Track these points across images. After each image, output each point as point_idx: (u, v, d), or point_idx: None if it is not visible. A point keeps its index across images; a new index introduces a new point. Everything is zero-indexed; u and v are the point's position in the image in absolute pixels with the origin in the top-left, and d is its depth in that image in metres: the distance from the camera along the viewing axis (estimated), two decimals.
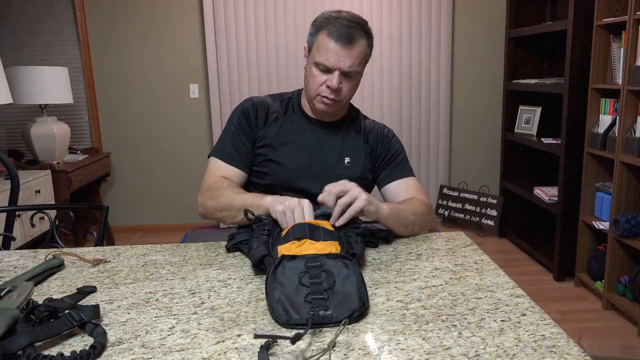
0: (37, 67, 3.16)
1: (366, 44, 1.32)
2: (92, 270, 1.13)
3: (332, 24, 1.28)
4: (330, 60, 1.28)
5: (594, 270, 2.78)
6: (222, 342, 0.81)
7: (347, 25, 1.28)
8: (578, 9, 2.76)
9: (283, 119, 1.42)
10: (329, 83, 1.30)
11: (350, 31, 1.28)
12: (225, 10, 3.81)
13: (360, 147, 1.44)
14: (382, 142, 1.46)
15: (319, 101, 1.34)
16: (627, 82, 2.43)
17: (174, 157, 4.07)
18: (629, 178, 2.53)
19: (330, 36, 1.28)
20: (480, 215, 3.88)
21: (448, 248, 1.23)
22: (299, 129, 1.42)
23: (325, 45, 1.28)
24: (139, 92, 3.97)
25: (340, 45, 1.27)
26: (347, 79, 1.32)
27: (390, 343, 0.80)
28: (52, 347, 0.80)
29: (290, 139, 1.40)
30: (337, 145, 1.42)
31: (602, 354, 1.88)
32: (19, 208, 1.95)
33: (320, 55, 1.29)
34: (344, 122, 1.45)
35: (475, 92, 4.12)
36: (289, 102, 1.46)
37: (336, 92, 1.31)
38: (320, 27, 1.31)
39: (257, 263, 1.06)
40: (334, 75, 1.29)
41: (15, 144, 3.85)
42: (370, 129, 1.47)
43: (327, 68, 1.29)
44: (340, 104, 1.37)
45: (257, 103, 1.43)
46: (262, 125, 1.41)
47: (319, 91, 1.33)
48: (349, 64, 1.29)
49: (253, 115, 1.41)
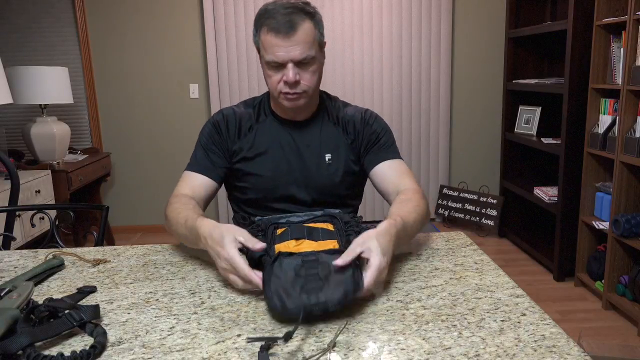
0: (37, 67, 3.16)
1: (311, 24, 1.24)
2: (92, 270, 1.13)
3: (270, 17, 1.22)
4: (278, 55, 1.22)
5: (594, 270, 2.78)
6: (222, 342, 0.81)
7: (285, 13, 1.21)
8: (578, 9, 2.76)
9: (257, 127, 1.37)
10: (286, 78, 1.23)
11: (289, 18, 1.20)
12: (225, 10, 3.81)
13: (340, 139, 1.38)
14: (363, 129, 1.39)
15: (283, 99, 1.29)
16: (627, 82, 2.43)
17: (174, 157, 4.07)
18: (629, 178, 2.53)
19: (270, 31, 1.21)
20: (480, 215, 3.88)
21: (448, 248, 1.23)
22: (273, 134, 1.37)
23: (268, 42, 1.22)
24: (139, 92, 3.97)
25: (282, 36, 1.20)
26: (303, 67, 1.25)
27: (390, 343, 0.80)
28: (52, 347, 0.80)
29: (265, 147, 1.35)
30: (315, 142, 1.37)
31: (602, 354, 1.88)
32: (19, 208, 1.95)
33: (268, 53, 1.23)
34: (319, 116, 1.39)
35: (475, 92, 4.12)
36: (259, 106, 1.40)
37: (295, 85, 1.25)
38: (260, 24, 1.25)
39: (254, 264, 1.06)
40: (288, 69, 1.23)
41: (15, 144, 3.85)
42: (349, 118, 1.40)
43: (279, 64, 1.23)
44: (307, 95, 1.29)
45: (227, 115, 1.38)
46: (235, 139, 1.36)
47: (280, 89, 1.27)
48: (298, 51, 1.21)
49: (224, 128, 1.36)
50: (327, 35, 3.87)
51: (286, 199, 1.36)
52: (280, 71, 1.25)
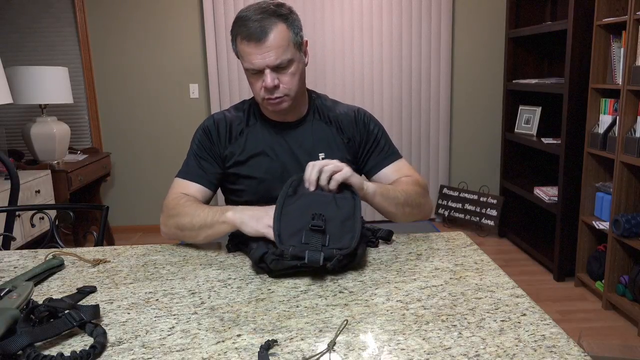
0: (37, 67, 3.16)
1: (284, 26, 1.23)
2: (92, 270, 1.13)
3: (243, 26, 1.22)
4: (254, 63, 1.23)
5: (594, 270, 2.78)
6: (222, 342, 0.81)
7: (256, 18, 1.21)
8: (578, 9, 2.76)
9: (247, 131, 1.37)
10: (264, 84, 1.24)
11: (260, 24, 1.20)
12: (225, 11, 3.81)
13: (334, 138, 1.38)
14: (360, 130, 1.39)
15: (267, 104, 1.30)
16: (627, 82, 2.43)
17: (174, 157, 4.07)
18: (629, 178, 2.53)
19: (244, 39, 1.22)
20: (480, 215, 3.88)
21: (448, 248, 1.23)
22: (265, 136, 1.36)
23: (243, 50, 1.23)
24: (139, 92, 3.98)
25: (254, 43, 1.21)
26: (281, 71, 1.25)
27: (390, 343, 0.80)
28: (52, 347, 0.80)
29: (258, 149, 1.35)
30: (307, 142, 1.36)
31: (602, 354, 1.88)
32: (19, 208, 1.95)
33: (245, 61, 1.24)
34: (309, 116, 1.39)
35: (475, 92, 4.12)
36: (249, 110, 1.40)
37: (274, 89, 1.25)
38: (235, 35, 1.25)
39: (257, 261, 1.07)
40: (266, 75, 1.23)
41: (15, 144, 3.85)
42: (343, 117, 1.40)
43: (256, 70, 1.24)
44: (290, 98, 1.29)
45: (218, 120, 1.37)
46: (227, 143, 1.36)
47: (262, 95, 1.27)
48: (273, 57, 1.22)
49: (215, 133, 1.36)
50: (327, 35, 3.87)
51: None
52: (260, 77, 1.26)
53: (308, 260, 1.00)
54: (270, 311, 0.91)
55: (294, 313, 0.90)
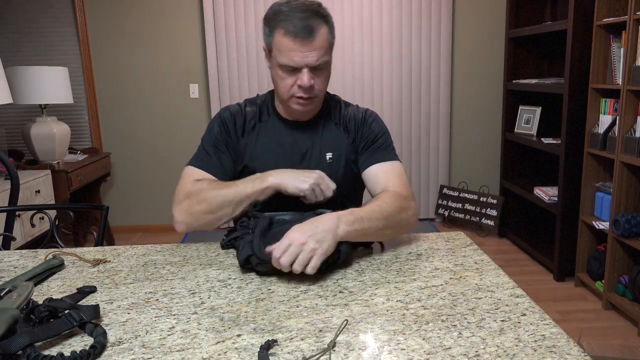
0: (37, 67, 3.16)
1: (327, 29, 1.22)
2: (92, 270, 1.13)
3: (285, 19, 1.18)
4: (295, 60, 1.20)
5: (594, 270, 2.78)
6: (222, 342, 0.81)
7: (302, 16, 1.18)
8: (578, 9, 2.76)
9: (259, 126, 1.36)
10: (300, 82, 1.22)
11: (307, 22, 1.17)
12: (225, 10, 3.81)
13: (341, 138, 1.37)
14: (362, 128, 1.37)
15: (294, 103, 1.27)
16: (627, 82, 2.43)
17: (174, 157, 4.07)
18: (629, 178, 2.53)
19: (288, 34, 1.18)
20: (480, 215, 3.88)
21: (448, 248, 1.22)
22: (276, 133, 1.36)
23: (284, 45, 1.19)
24: (139, 92, 3.97)
25: (299, 41, 1.18)
26: (317, 72, 1.23)
27: (390, 343, 0.80)
28: (52, 347, 0.80)
29: (268, 146, 1.35)
30: (317, 142, 1.36)
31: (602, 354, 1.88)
32: (19, 208, 1.95)
33: (283, 56, 1.20)
34: (321, 117, 1.38)
35: (475, 92, 4.12)
36: (263, 105, 1.39)
37: (309, 89, 1.24)
38: (274, 26, 1.21)
39: (243, 263, 1.07)
40: (304, 74, 1.21)
41: (15, 144, 3.85)
42: (350, 118, 1.39)
43: (293, 68, 1.21)
44: (318, 100, 1.30)
45: (234, 112, 1.36)
46: (240, 136, 1.35)
47: (292, 92, 1.25)
48: (315, 58, 1.20)
49: (232, 125, 1.35)
50: None
51: (286, 200, 1.36)
52: (294, 74, 1.23)
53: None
54: (270, 311, 0.91)
55: (294, 313, 0.90)
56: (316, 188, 1.19)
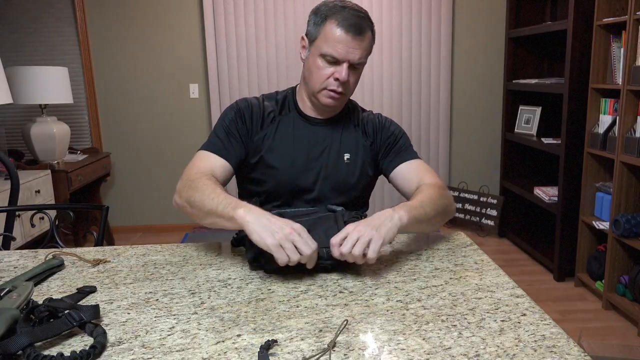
0: (37, 67, 3.16)
1: (372, 35, 1.28)
2: (92, 270, 1.13)
3: (340, 13, 1.23)
4: (339, 52, 1.23)
5: (594, 270, 2.78)
6: (222, 342, 0.81)
7: (356, 15, 1.23)
8: (578, 9, 2.76)
9: (279, 119, 1.37)
10: (338, 75, 1.24)
11: (360, 22, 1.23)
12: (225, 10, 3.81)
13: (360, 141, 1.39)
14: (381, 132, 1.41)
15: (325, 95, 1.29)
16: (627, 82, 2.43)
17: (174, 157, 4.07)
18: (629, 178, 2.53)
19: (340, 26, 1.22)
20: (480, 215, 3.88)
21: (448, 248, 1.23)
22: (295, 128, 1.37)
23: (334, 36, 1.22)
24: (139, 92, 3.97)
25: (350, 35, 1.22)
26: (353, 71, 1.27)
27: (390, 343, 0.80)
28: (52, 347, 0.80)
29: (286, 140, 1.35)
30: (336, 141, 1.37)
31: (602, 354, 1.88)
32: (19, 208, 1.95)
33: (329, 45, 1.23)
34: (342, 117, 1.40)
35: (475, 92, 4.11)
36: (284, 100, 1.39)
37: (344, 84, 1.27)
38: (327, 16, 1.24)
39: (252, 260, 1.09)
40: (343, 67, 1.24)
41: (15, 144, 3.85)
42: (367, 121, 1.42)
43: (336, 60, 1.24)
44: (346, 97, 1.33)
45: (252, 104, 1.36)
46: (258, 128, 1.35)
47: (326, 84, 1.27)
48: (358, 55, 1.24)
49: (248, 116, 1.34)
50: None
51: (299, 194, 1.35)
52: (332, 66, 1.26)
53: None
54: (270, 311, 0.91)
55: (294, 313, 0.90)
56: (286, 245, 0.98)
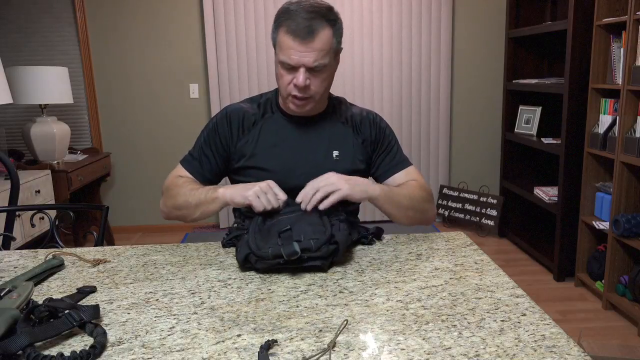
0: (37, 67, 3.16)
1: (330, 33, 1.23)
2: (92, 270, 1.13)
3: (290, 18, 1.21)
4: (292, 58, 1.22)
5: (594, 270, 2.78)
6: (222, 342, 0.81)
7: (306, 17, 1.20)
8: (578, 9, 2.76)
9: (261, 122, 1.37)
10: (295, 81, 1.23)
11: (309, 23, 1.19)
12: (225, 10, 3.81)
13: (349, 137, 1.39)
14: (376, 132, 1.41)
15: (289, 101, 1.30)
16: (627, 82, 2.43)
17: (174, 157, 4.05)
18: (629, 178, 2.53)
19: (289, 32, 1.20)
20: (480, 215, 3.88)
21: (448, 248, 1.23)
22: (280, 129, 1.37)
23: (285, 43, 1.21)
24: (139, 92, 3.97)
25: (299, 40, 1.20)
26: (314, 73, 1.25)
27: (390, 343, 0.80)
28: (52, 347, 0.80)
29: (271, 141, 1.35)
30: (323, 139, 1.37)
31: (602, 354, 1.88)
32: (19, 208, 1.95)
33: (282, 53, 1.23)
34: (327, 115, 1.40)
35: (475, 92, 4.11)
36: (267, 102, 1.40)
37: (304, 89, 1.25)
38: (279, 23, 1.24)
39: (242, 262, 1.09)
40: (300, 73, 1.23)
41: (15, 144, 3.85)
42: (360, 118, 1.41)
43: (291, 66, 1.23)
44: (314, 100, 1.30)
45: (231, 112, 1.38)
46: (240, 135, 1.36)
47: (289, 90, 1.27)
48: (312, 59, 1.21)
49: (227, 127, 1.37)
50: None
51: (290, 194, 1.35)
52: (291, 73, 1.25)
53: (286, 254, 1.03)
54: (270, 311, 0.91)
55: (294, 313, 0.90)
56: (261, 195, 1.17)
